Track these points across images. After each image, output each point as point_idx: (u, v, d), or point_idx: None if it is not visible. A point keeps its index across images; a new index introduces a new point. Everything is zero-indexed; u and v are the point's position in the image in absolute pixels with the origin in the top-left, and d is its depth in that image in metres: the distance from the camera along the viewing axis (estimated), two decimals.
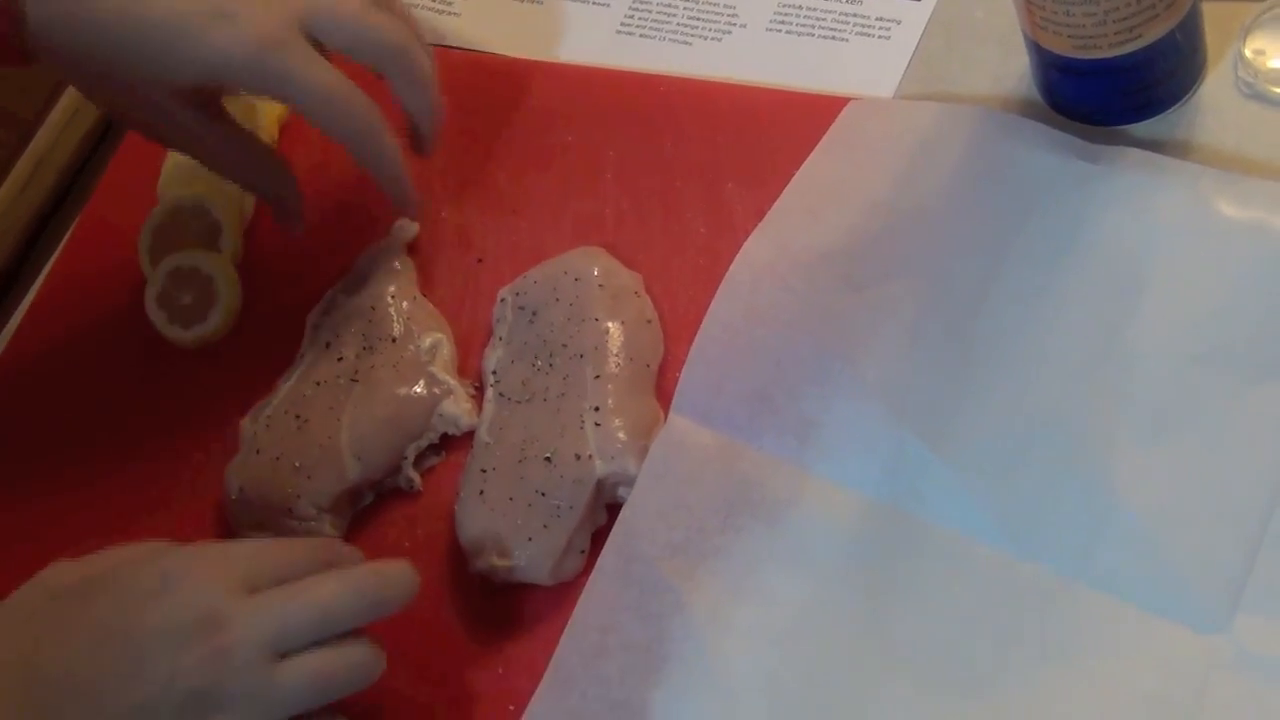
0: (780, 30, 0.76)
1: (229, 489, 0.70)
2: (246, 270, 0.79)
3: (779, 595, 0.61)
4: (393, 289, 0.73)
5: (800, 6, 0.77)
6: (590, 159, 0.76)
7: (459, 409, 0.69)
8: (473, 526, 0.65)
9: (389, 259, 0.75)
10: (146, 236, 0.80)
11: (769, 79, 0.74)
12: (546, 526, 0.63)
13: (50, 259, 0.86)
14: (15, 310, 0.85)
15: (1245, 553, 0.55)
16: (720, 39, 0.78)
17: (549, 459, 0.65)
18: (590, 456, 0.64)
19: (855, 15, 0.75)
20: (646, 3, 0.80)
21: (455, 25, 0.84)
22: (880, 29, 0.74)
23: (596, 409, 0.65)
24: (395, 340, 0.72)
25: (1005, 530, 0.59)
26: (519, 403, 0.67)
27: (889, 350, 0.63)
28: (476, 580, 0.65)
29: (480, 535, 0.65)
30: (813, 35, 0.75)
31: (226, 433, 0.73)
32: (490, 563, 0.64)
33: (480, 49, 0.82)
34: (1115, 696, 0.55)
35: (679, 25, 0.79)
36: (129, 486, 0.75)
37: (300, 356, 0.74)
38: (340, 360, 0.72)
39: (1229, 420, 0.58)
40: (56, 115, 0.91)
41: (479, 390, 0.71)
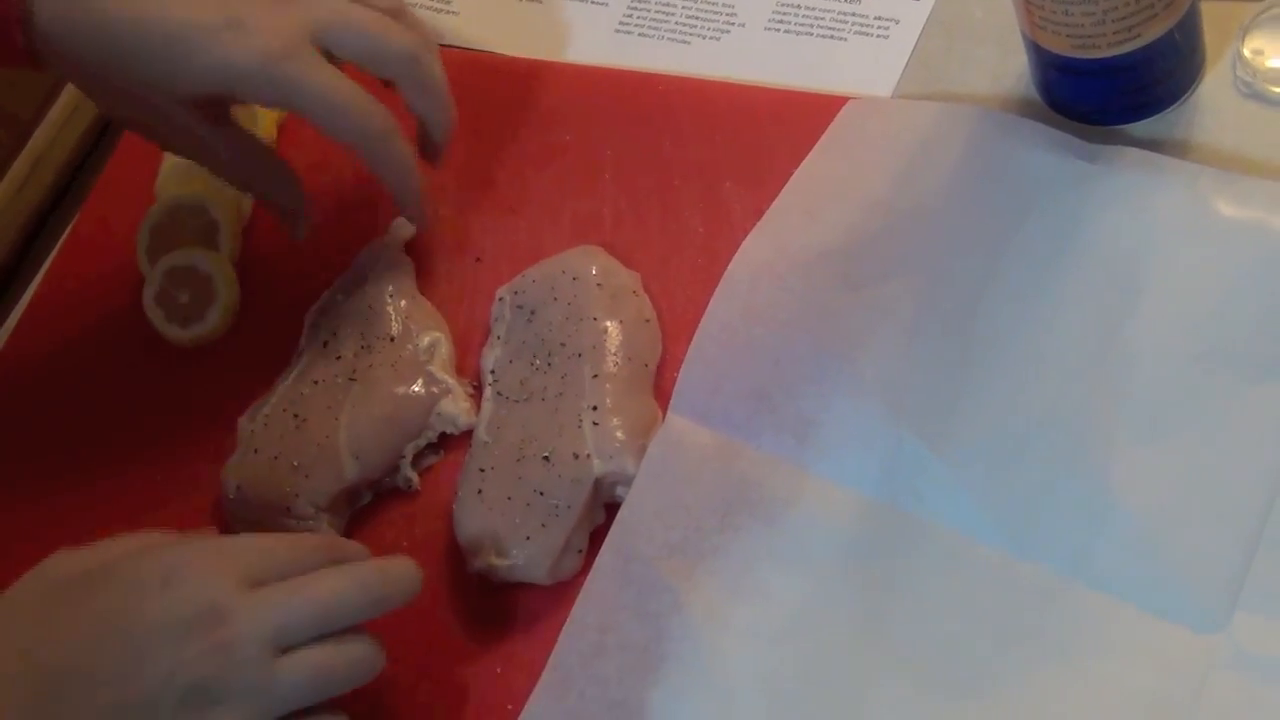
0: (779, 29, 0.76)
1: (226, 488, 0.70)
2: (244, 269, 0.79)
3: (777, 594, 0.61)
4: (391, 288, 0.73)
5: (799, 6, 0.77)
6: (588, 158, 0.76)
7: (457, 408, 0.69)
8: (471, 525, 0.65)
9: (387, 258, 0.75)
10: (144, 235, 0.80)
11: (767, 78, 0.74)
12: (544, 526, 0.63)
13: (48, 258, 0.86)
14: (13, 309, 0.85)
15: (1243, 552, 0.55)
16: (719, 38, 0.78)
17: (547, 458, 0.65)
18: (588, 456, 0.64)
19: (854, 14, 0.75)
20: (645, 2, 0.80)
21: (453, 24, 0.84)
22: (879, 28, 0.74)
23: (594, 408, 0.65)
24: (393, 339, 0.72)
25: (1003, 529, 0.59)
26: (517, 402, 0.67)
27: (887, 349, 0.63)
28: (474, 579, 0.65)
29: (478, 534, 0.65)
30: (811, 34, 0.75)
31: (224, 432, 0.73)
32: (488, 562, 0.64)
33: (478, 48, 0.82)
34: (1113, 696, 0.55)
35: (677, 24, 0.79)
36: (127, 485, 0.75)
37: (298, 355, 0.74)
38: (338, 359, 0.72)
39: (1227, 420, 0.58)
40: (55, 114, 0.91)
41: (477, 389, 0.71)
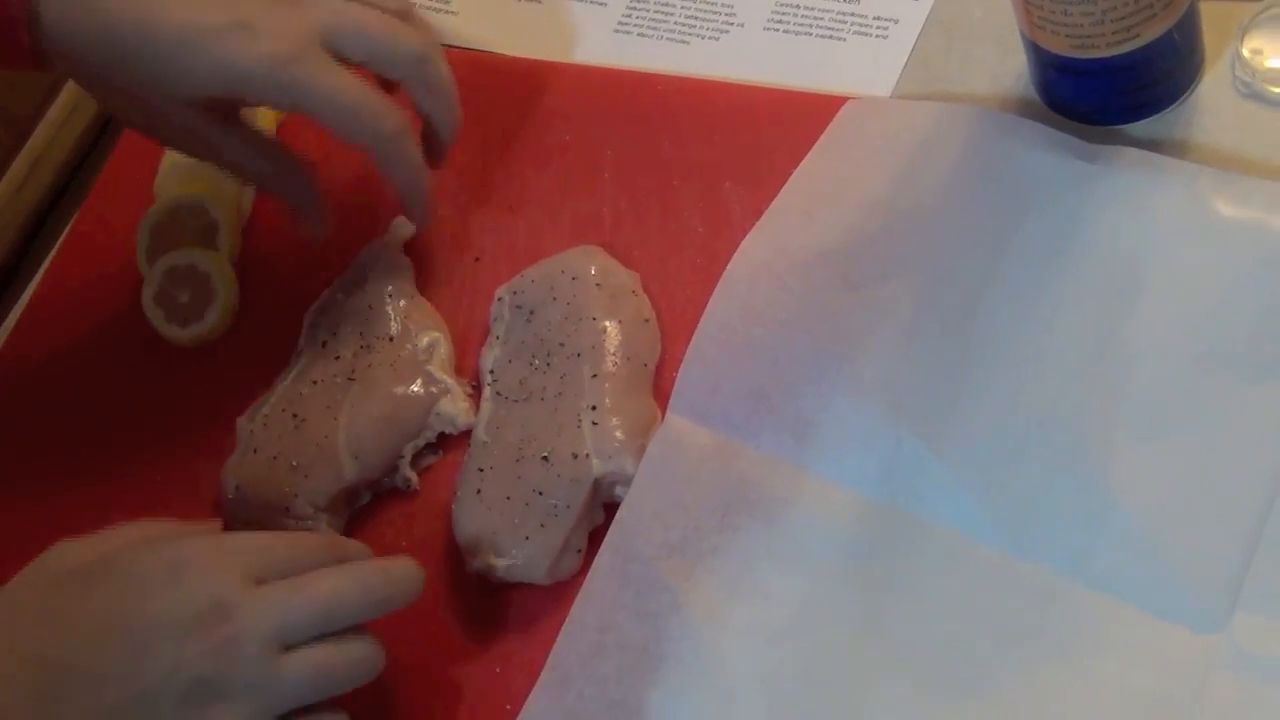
0: (778, 29, 0.76)
1: (226, 488, 0.70)
2: (244, 269, 0.79)
3: (776, 594, 0.61)
4: (390, 288, 0.73)
5: (798, 6, 0.77)
6: (588, 158, 0.76)
7: (456, 408, 0.69)
8: (470, 525, 0.65)
9: (386, 258, 0.75)
10: (144, 235, 0.80)
11: (766, 78, 0.74)
12: (543, 525, 0.63)
13: (47, 257, 0.86)
14: (12, 309, 0.85)
15: (1243, 552, 0.55)
16: (718, 38, 0.78)
17: (546, 458, 0.65)
18: (587, 455, 0.64)
19: (853, 14, 0.75)
20: (644, 2, 0.80)
21: (453, 24, 0.83)
22: (878, 28, 0.74)
23: (594, 408, 0.65)
24: (392, 339, 0.71)
25: (1003, 529, 0.59)
26: (516, 402, 0.67)
27: (886, 349, 0.63)
28: (473, 579, 0.65)
29: (477, 534, 0.65)
30: (810, 34, 0.75)
31: (223, 431, 0.73)
32: (487, 562, 0.64)
33: (477, 48, 0.82)
34: (1112, 696, 0.55)
35: (676, 24, 0.79)
36: (126, 485, 0.75)
37: (297, 355, 0.74)
38: (337, 359, 0.72)
39: (1226, 420, 0.58)
40: (54, 113, 0.91)
41: (476, 389, 0.71)
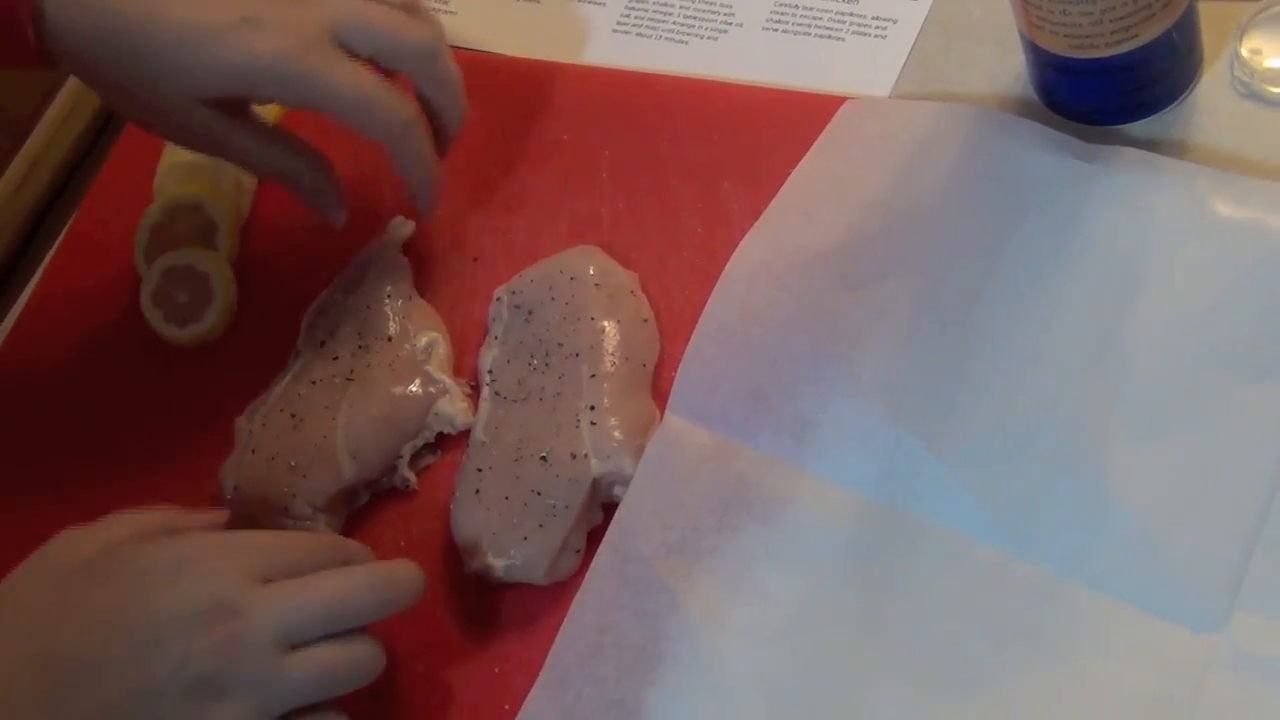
0: (776, 29, 0.76)
1: (224, 488, 0.70)
2: (242, 269, 0.79)
3: (775, 594, 0.61)
4: (388, 288, 0.73)
5: (796, 6, 0.77)
6: (586, 158, 0.76)
7: (454, 408, 0.69)
8: (468, 526, 0.65)
9: (385, 258, 0.75)
10: (142, 235, 0.80)
11: (765, 78, 0.74)
12: (542, 526, 0.63)
13: (45, 258, 0.86)
14: (10, 309, 0.85)
15: (1241, 552, 0.55)
16: (716, 38, 0.78)
17: (544, 458, 0.65)
18: (586, 456, 0.64)
19: (851, 14, 0.75)
20: (643, 2, 0.80)
21: (451, 24, 0.83)
22: (876, 28, 0.74)
23: (592, 408, 0.65)
24: (391, 339, 0.71)
25: (1001, 529, 0.59)
26: (515, 402, 0.67)
27: (885, 349, 0.63)
28: (472, 579, 0.65)
29: (476, 534, 0.64)
30: (809, 34, 0.75)
31: (222, 432, 0.73)
32: (486, 562, 0.64)
33: (476, 48, 0.82)
34: (1111, 696, 0.55)
35: (675, 24, 0.79)
36: (124, 485, 0.75)
37: (296, 355, 0.74)
38: (336, 359, 0.72)
39: (1225, 419, 0.58)
40: (52, 114, 0.91)
41: (474, 389, 0.70)
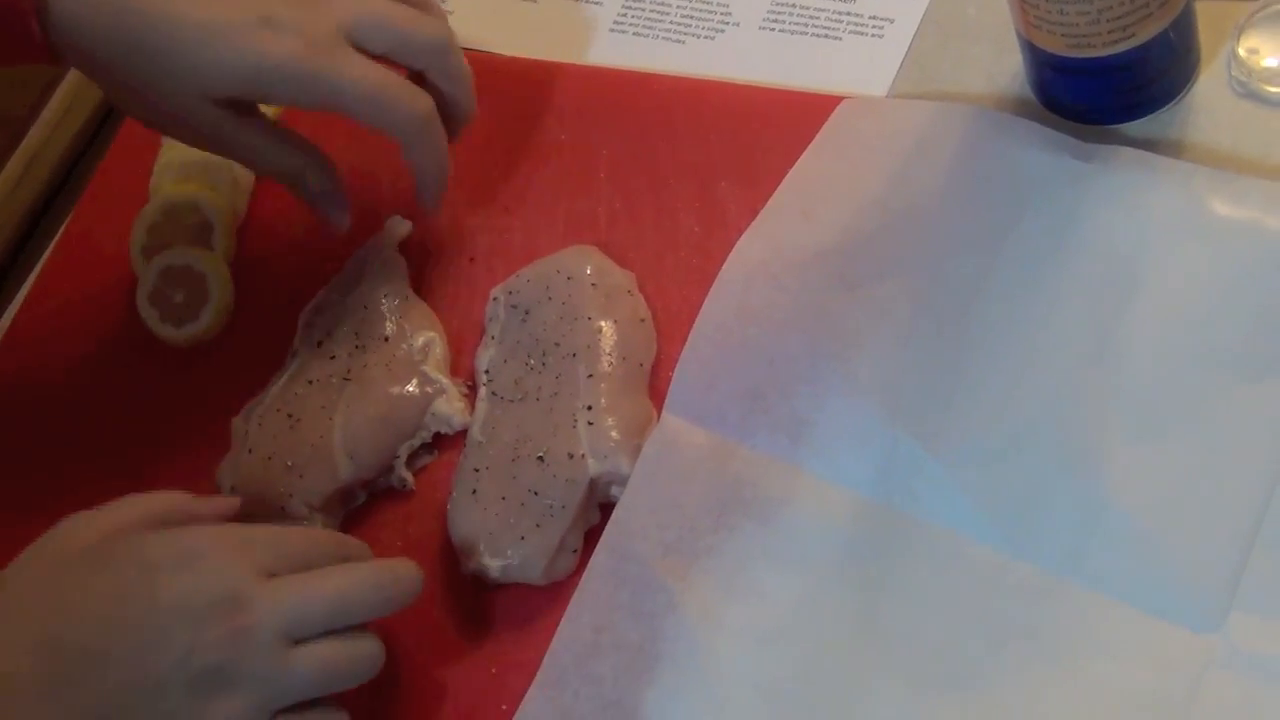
0: (773, 29, 0.76)
1: (221, 488, 0.70)
2: (239, 269, 0.79)
3: (772, 594, 0.61)
4: (385, 288, 0.73)
5: (794, 5, 0.76)
6: (583, 158, 0.76)
7: (451, 408, 0.69)
8: (465, 526, 0.65)
9: (382, 258, 0.74)
10: (139, 234, 0.79)
11: (762, 78, 0.74)
12: (539, 526, 0.63)
13: (42, 257, 0.86)
14: (6, 309, 0.85)
15: (1239, 551, 0.55)
16: (714, 38, 0.78)
17: (542, 458, 0.65)
18: (583, 456, 0.64)
19: (848, 14, 0.75)
20: (640, 2, 0.80)
21: (449, 23, 0.83)
22: (873, 27, 0.74)
23: (589, 408, 0.65)
24: (388, 339, 0.71)
25: (999, 529, 0.59)
26: (512, 402, 0.67)
27: (882, 349, 0.63)
28: (469, 579, 0.65)
29: (473, 534, 0.64)
30: (806, 34, 0.75)
31: (218, 431, 0.73)
32: (483, 562, 0.64)
33: (474, 47, 0.82)
34: (1108, 695, 0.55)
35: (672, 24, 0.79)
36: (121, 485, 0.74)
37: (292, 355, 0.73)
38: (332, 359, 0.71)
39: (1222, 419, 0.58)
40: (49, 113, 0.91)
41: (471, 389, 0.70)
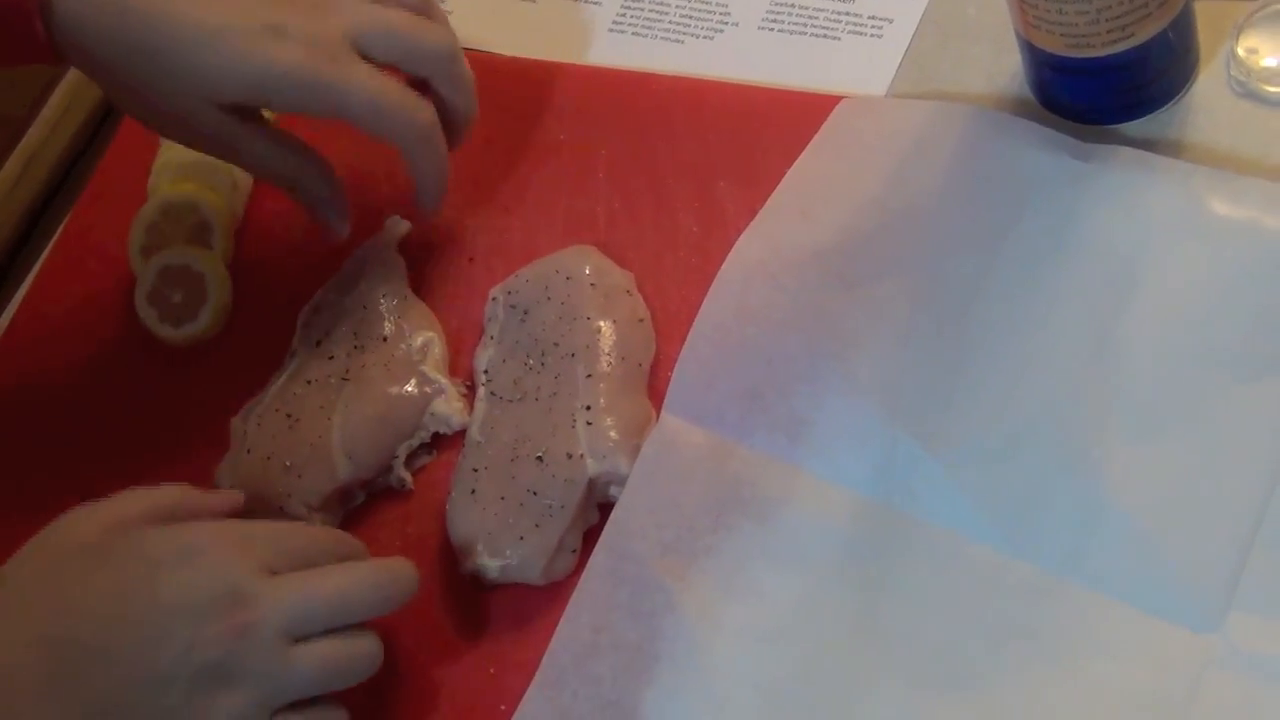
0: (772, 29, 0.76)
1: (219, 488, 0.70)
2: (237, 268, 0.79)
3: (770, 594, 0.61)
4: (384, 288, 0.73)
5: (792, 5, 0.76)
6: (582, 157, 0.76)
7: (450, 408, 0.69)
8: (464, 526, 0.65)
9: (380, 258, 0.74)
10: (137, 234, 0.79)
11: (761, 77, 0.74)
12: (538, 525, 0.63)
13: (41, 257, 0.86)
14: (5, 309, 0.85)
15: (1238, 551, 0.55)
16: (712, 37, 0.78)
17: (540, 458, 0.65)
18: (582, 455, 0.64)
19: (847, 14, 0.75)
20: (639, 1, 0.80)
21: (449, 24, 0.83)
22: (872, 27, 0.74)
23: (588, 408, 0.65)
24: (386, 339, 0.71)
25: (998, 529, 0.59)
26: (510, 402, 0.67)
27: (881, 348, 0.63)
28: (468, 579, 0.65)
29: (472, 534, 0.64)
30: (805, 34, 0.75)
31: (217, 432, 0.72)
32: (481, 562, 0.64)
33: (473, 47, 0.81)
34: (1107, 695, 0.55)
35: (671, 24, 0.79)
36: (118, 485, 0.74)
37: (291, 355, 0.73)
38: (331, 359, 0.71)
39: (1221, 419, 0.58)
40: (47, 113, 0.91)
41: (470, 389, 0.70)
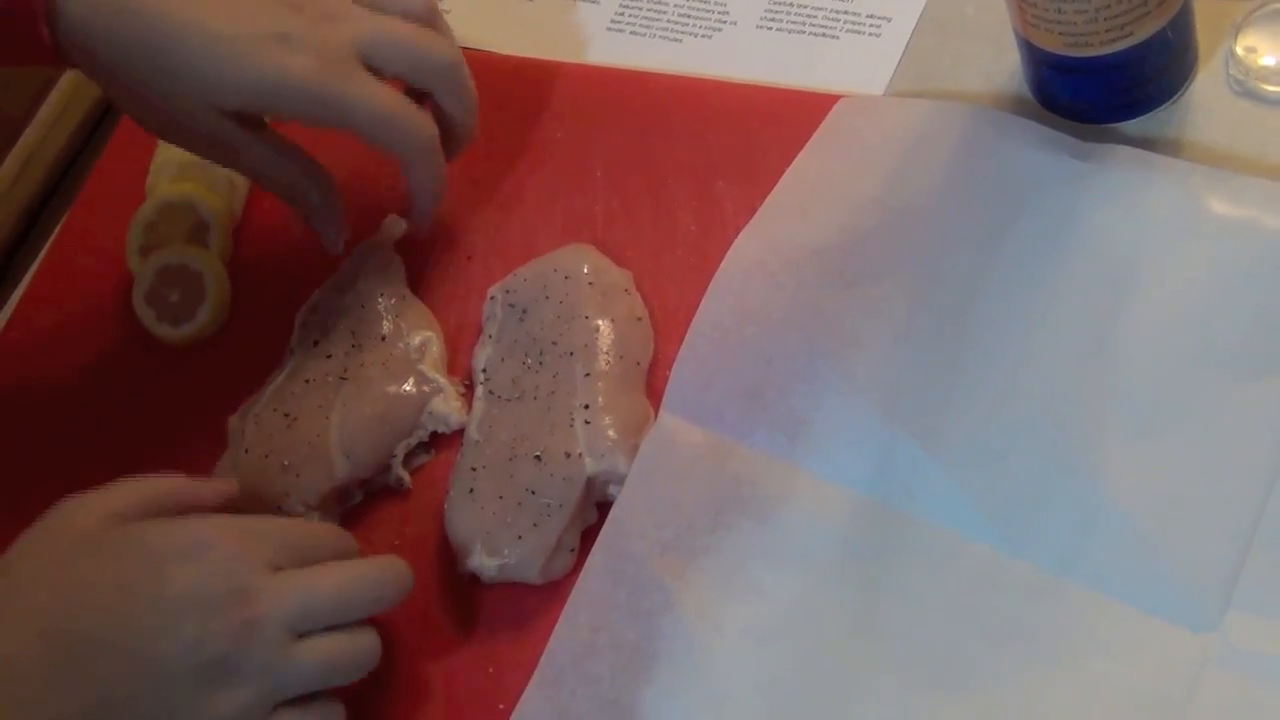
0: (771, 27, 0.76)
1: None
2: (235, 268, 0.79)
3: (769, 593, 0.61)
4: (382, 287, 0.73)
5: (791, 4, 0.76)
6: (580, 156, 0.76)
7: (448, 407, 0.69)
8: (462, 525, 0.65)
9: (378, 257, 0.74)
10: (135, 234, 0.79)
11: (759, 76, 0.74)
12: (536, 525, 0.63)
13: (39, 256, 0.86)
14: (3, 308, 0.85)
15: (1236, 550, 0.55)
16: (711, 36, 0.78)
17: (539, 457, 0.65)
18: (580, 454, 0.64)
19: (846, 12, 0.75)
20: (637, 0, 0.80)
21: (446, 22, 0.83)
22: (871, 26, 0.74)
23: (586, 407, 0.65)
24: (384, 338, 0.71)
25: (996, 528, 0.59)
26: (509, 401, 0.67)
27: (880, 347, 0.63)
28: (466, 579, 0.65)
29: (470, 533, 0.64)
30: (803, 32, 0.75)
31: (215, 431, 0.72)
32: (480, 561, 0.64)
33: (471, 46, 0.81)
34: (1106, 694, 0.55)
35: (669, 23, 0.79)
36: None
37: (289, 354, 0.73)
38: (329, 358, 0.71)
39: (1219, 418, 0.58)
40: (45, 112, 0.91)
41: (468, 388, 0.70)
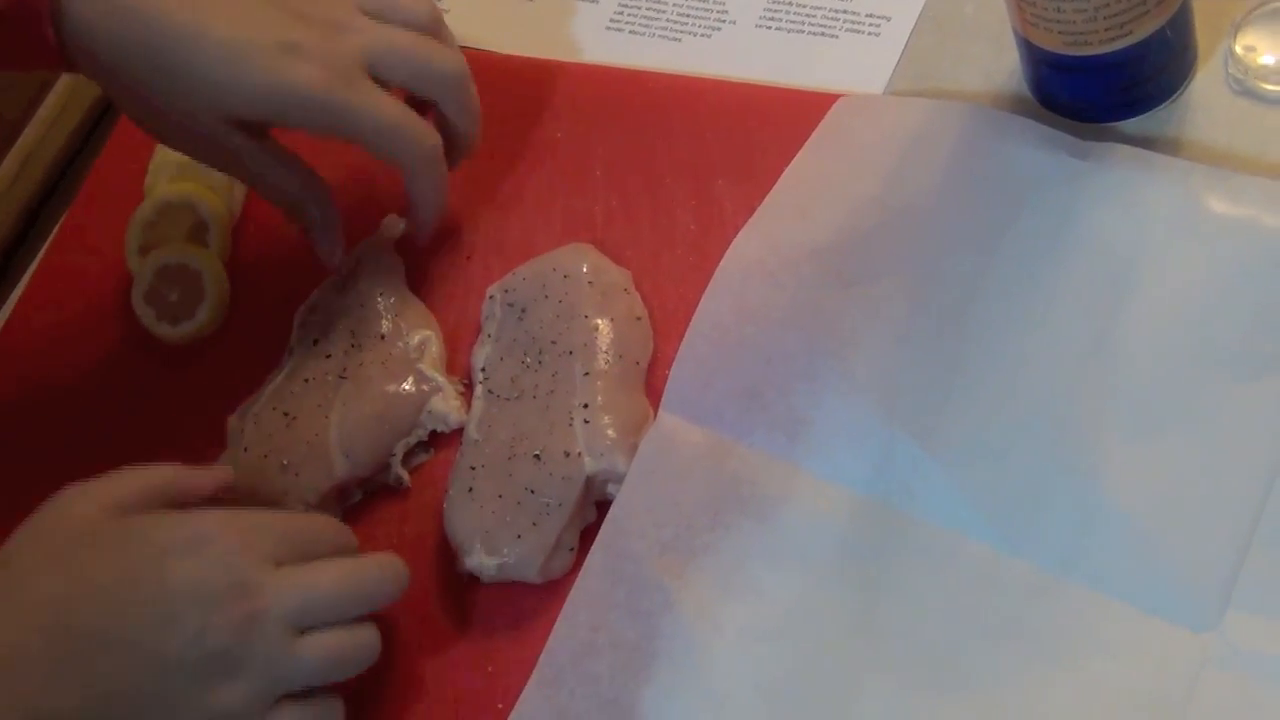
0: (770, 27, 0.76)
1: None
2: (234, 267, 0.79)
3: (768, 592, 0.61)
4: (381, 286, 0.73)
5: (790, 3, 0.76)
6: (579, 156, 0.76)
7: (448, 406, 0.69)
8: (461, 524, 0.65)
9: (377, 256, 0.74)
10: (134, 233, 0.79)
11: (758, 76, 0.74)
12: (535, 524, 0.63)
13: (38, 256, 0.86)
14: (2, 308, 0.85)
15: (1236, 550, 0.55)
16: (710, 35, 0.78)
17: (538, 456, 0.65)
18: (579, 454, 0.64)
19: (845, 11, 0.75)
20: (636, 0, 0.80)
21: (446, 21, 0.83)
22: (870, 25, 0.74)
23: (586, 406, 0.65)
24: (384, 337, 0.71)
25: (995, 527, 0.59)
26: (508, 400, 0.67)
27: (879, 347, 0.63)
28: (465, 578, 0.65)
29: (469, 533, 0.64)
30: (802, 32, 0.75)
31: (214, 430, 0.72)
32: (479, 560, 0.64)
33: (470, 45, 0.81)
34: (1105, 694, 0.55)
35: (668, 22, 0.79)
36: None
37: (288, 354, 0.73)
38: (328, 357, 0.71)
39: (1219, 417, 0.58)
40: (44, 113, 0.91)
41: (468, 387, 0.70)
